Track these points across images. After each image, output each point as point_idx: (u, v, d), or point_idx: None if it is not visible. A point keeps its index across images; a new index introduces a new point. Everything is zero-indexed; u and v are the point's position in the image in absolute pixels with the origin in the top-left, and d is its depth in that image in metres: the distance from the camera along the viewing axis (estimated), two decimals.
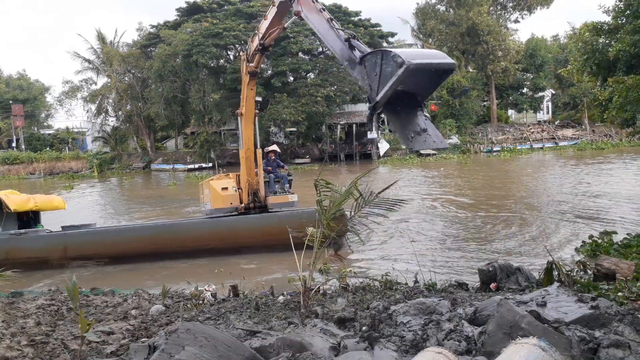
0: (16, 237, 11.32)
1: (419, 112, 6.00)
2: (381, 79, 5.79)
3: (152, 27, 48.52)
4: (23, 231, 11.54)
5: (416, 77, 5.47)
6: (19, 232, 11.46)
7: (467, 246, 11.37)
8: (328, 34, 7.69)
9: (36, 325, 5.39)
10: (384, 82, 5.70)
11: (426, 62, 5.54)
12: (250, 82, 11.77)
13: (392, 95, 5.62)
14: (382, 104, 5.88)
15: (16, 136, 54.99)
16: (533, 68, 45.22)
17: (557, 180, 21.67)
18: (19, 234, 11.41)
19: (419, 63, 5.32)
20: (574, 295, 4.20)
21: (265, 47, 10.98)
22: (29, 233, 11.55)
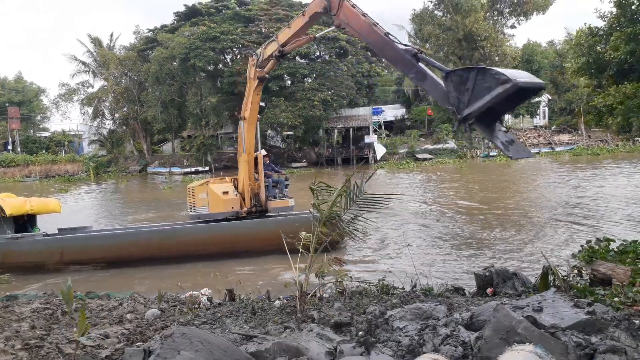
0: (13, 241, 11.26)
1: (497, 124, 6.78)
2: (474, 94, 6.47)
3: (150, 30, 48.54)
4: (20, 235, 11.48)
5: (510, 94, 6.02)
6: (15, 236, 11.40)
7: (463, 251, 11.38)
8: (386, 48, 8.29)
9: (31, 329, 5.35)
10: (479, 96, 6.38)
11: (529, 81, 6.24)
12: (257, 87, 11.82)
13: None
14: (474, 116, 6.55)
15: (12, 139, 54.81)
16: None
17: (553, 185, 21.74)
18: (16, 238, 11.34)
19: (524, 82, 6.01)
20: (570, 300, 4.20)
21: (284, 54, 11.11)
22: (25, 237, 11.47)
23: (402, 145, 42.11)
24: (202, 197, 12.61)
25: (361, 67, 42.74)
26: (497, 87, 6.08)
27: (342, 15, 9.20)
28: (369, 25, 8.68)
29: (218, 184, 12.83)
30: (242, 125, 12.19)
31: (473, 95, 6.51)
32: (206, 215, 12.52)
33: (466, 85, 6.62)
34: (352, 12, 9.07)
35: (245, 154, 12.27)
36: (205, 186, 12.72)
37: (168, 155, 49.16)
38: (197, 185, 12.77)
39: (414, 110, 48.49)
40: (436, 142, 41.89)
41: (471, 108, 6.52)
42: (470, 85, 6.56)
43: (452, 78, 6.92)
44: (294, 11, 42.36)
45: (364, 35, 8.91)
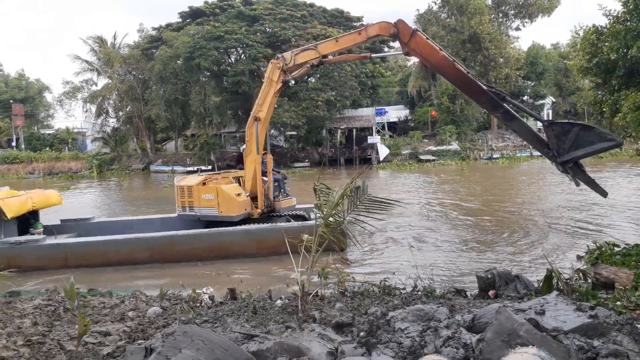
0: (17, 246, 11.08)
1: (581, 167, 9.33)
2: (575, 144, 8.67)
3: (154, 29, 48.62)
4: (24, 240, 11.27)
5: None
6: (19, 241, 11.20)
7: (465, 253, 11.36)
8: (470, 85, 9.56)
9: (33, 325, 5.36)
10: (579, 146, 8.66)
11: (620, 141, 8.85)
12: (278, 90, 11.89)
13: None
14: (574, 161, 8.85)
15: (16, 135, 55.00)
16: (534, 76, 45.39)
17: (555, 188, 21.68)
18: (20, 243, 11.15)
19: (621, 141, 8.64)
20: (573, 304, 4.19)
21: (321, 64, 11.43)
22: (29, 242, 11.23)
23: (405, 146, 42.08)
24: (208, 197, 12.26)
25: (365, 68, 42.72)
26: (602, 143, 8.39)
27: (413, 45, 9.78)
28: (447, 60, 9.40)
29: (227, 184, 12.54)
30: (256, 126, 11.95)
31: (574, 145, 8.61)
32: (214, 217, 12.15)
33: (568, 136, 8.63)
34: (426, 44, 9.69)
35: (259, 155, 12.19)
36: (214, 187, 12.28)
37: (171, 153, 49.26)
38: (196, 184, 12.43)
39: (418, 112, 48.45)
40: (439, 144, 41.85)
41: (572, 155, 8.71)
42: (572, 137, 8.61)
43: (554, 128, 8.95)
44: (298, 11, 42.38)
45: (440, 69, 9.75)
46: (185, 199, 12.47)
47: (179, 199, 12.56)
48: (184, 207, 12.52)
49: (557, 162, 9.24)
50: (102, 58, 47.19)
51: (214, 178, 13.13)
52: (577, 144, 8.59)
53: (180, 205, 12.58)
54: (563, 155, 8.90)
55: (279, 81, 11.62)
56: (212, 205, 12.30)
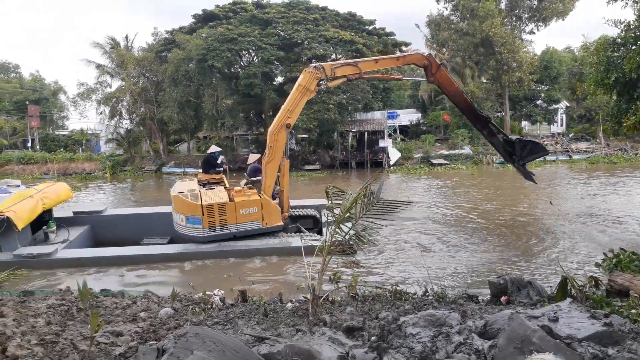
0: (29, 259, 11.00)
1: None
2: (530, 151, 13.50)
3: (167, 32, 49.07)
4: (36, 253, 11.15)
5: None
6: (32, 254, 11.10)
7: (477, 258, 11.28)
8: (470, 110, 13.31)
9: (46, 324, 5.42)
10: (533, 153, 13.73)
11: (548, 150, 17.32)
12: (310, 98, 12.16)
13: None
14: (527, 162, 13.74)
15: (31, 136, 55.73)
16: (548, 80, 45.00)
17: (568, 193, 21.46)
18: (33, 256, 11.06)
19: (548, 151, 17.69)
20: (587, 311, 4.14)
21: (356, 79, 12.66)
22: (42, 256, 11.11)
23: (417, 149, 41.94)
24: (250, 212, 11.81)
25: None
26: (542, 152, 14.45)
27: (438, 76, 12.52)
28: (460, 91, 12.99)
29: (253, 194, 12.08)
30: (287, 132, 11.97)
31: (529, 153, 13.41)
32: (258, 230, 11.85)
33: (526, 148, 13.39)
34: (447, 77, 12.89)
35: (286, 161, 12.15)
36: (256, 200, 11.84)
37: (184, 155, 49.57)
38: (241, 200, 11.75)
39: (430, 115, 48.27)
40: (452, 148, 41.64)
41: (528, 159, 13.60)
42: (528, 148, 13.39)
43: (520, 141, 13.46)
44: (311, 14, 42.49)
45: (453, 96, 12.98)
46: (215, 219, 11.55)
47: (205, 219, 11.50)
48: (213, 227, 11.56)
49: (519, 164, 13.62)
50: (115, 60, 47.71)
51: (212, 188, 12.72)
52: (530, 152, 13.39)
53: (207, 227, 11.52)
54: (523, 159, 13.45)
55: (315, 90, 11.91)
56: (255, 218, 11.90)
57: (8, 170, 48.85)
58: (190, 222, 11.57)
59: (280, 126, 11.91)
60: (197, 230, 11.59)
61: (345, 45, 40.94)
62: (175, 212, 12.04)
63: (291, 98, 12.06)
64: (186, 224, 11.62)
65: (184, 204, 11.62)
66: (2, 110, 59.28)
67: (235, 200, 11.82)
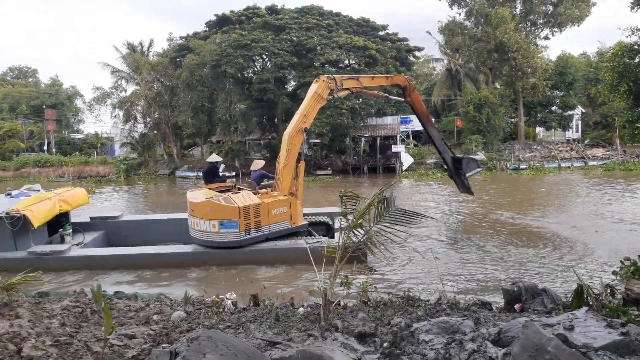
0: (44, 257, 11.21)
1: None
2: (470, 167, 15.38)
3: (182, 37, 49.56)
4: (49, 251, 11.37)
5: None
6: (45, 251, 11.31)
7: (490, 265, 11.18)
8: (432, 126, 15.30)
9: (61, 326, 5.47)
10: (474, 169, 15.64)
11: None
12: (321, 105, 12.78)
13: None
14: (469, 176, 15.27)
15: (47, 140, 56.53)
16: (563, 86, 44.55)
17: (583, 200, 21.20)
18: (46, 253, 11.26)
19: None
20: (603, 320, 4.08)
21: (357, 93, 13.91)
22: (54, 254, 11.32)
23: (430, 155, 41.74)
24: (280, 212, 11.84)
25: None
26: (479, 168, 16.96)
27: (413, 97, 14.55)
28: (426, 111, 15.17)
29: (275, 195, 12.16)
30: (305, 136, 12.39)
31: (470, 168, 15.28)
32: (287, 230, 11.94)
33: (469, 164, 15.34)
34: (418, 98, 14.91)
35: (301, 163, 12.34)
36: (285, 200, 11.88)
37: (197, 159, 49.91)
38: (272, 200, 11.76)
39: (443, 121, 48.03)
40: (465, 153, 41.36)
41: (470, 173, 15.31)
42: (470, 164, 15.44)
43: (464, 159, 15.36)
44: (324, 20, 42.62)
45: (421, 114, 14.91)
46: (250, 221, 11.41)
47: (241, 222, 11.25)
48: (249, 229, 11.39)
49: (464, 177, 15.10)
50: (131, 65, 48.28)
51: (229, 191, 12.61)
52: (472, 168, 15.39)
53: (243, 230, 11.30)
54: (467, 174, 15.09)
55: (326, 98, 12.60)
56: (284, 219, 11.90)
57: (25, 173, 49.59)
58: (225, 227, 11.24)
59: (298, 130, 12.06)
60: (233, 235, 11.29)
61: (358, 51, 40.98)
62: (200, 219, 11.51)
63: (306, 104, 12.28)
64: (219, 229, 11.24)
65: (217, 208, 11.24)
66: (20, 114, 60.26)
67: (266, 201, 11.75)
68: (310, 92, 12.46)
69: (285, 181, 12.15)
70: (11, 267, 10.37)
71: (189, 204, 11.94)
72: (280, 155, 12.19)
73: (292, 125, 12.24)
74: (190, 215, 11.87)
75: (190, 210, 11.89)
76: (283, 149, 12.07)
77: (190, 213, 11.91)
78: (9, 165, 51.05)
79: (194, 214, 11.68)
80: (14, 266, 10.37)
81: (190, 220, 11.94)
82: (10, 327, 5.15)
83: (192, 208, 11.75)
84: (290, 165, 12.08)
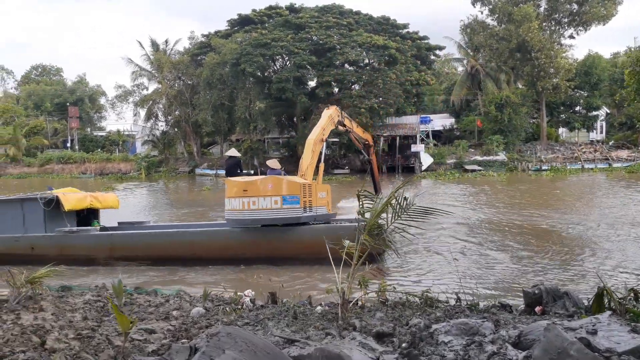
0: (70, 234, 11.96)
1: None
2: None
3: (204, 36, 49.99)
4: (75, 229, 12.12)
5: None
6: (72, 230, 12.05)
7: (510, 266, 11.04)
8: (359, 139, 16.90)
9: (83, 319, 5.57)
10: None
11: None
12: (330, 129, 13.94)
13: None
14: None
15: (71, 137, 57.60)
16: (587, 86, 43.67)
17: (606, 202, 20.79)
18: (72, 232, 12.00)
19: None
20: (627, 324, 3.99)
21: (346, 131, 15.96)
22: (80, 232, 12.08)
23: (450, 155, 41.37)
24: (322, 196, 12.25)
25: (410, 75, 42.32)
26: None
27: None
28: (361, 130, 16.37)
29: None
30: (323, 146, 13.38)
31: None
32: (326, 216, 12.28)
33: None
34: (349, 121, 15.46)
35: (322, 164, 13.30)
36: (325, 185, 12.57)
37: (217, 157, 50.33)
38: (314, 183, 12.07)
39: (464, 120, 47.50)
40: (486, 154, 40.90)
41: None
42: None
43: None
44: (344, 18, 42.55)
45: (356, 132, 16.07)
46: (307, 199, 11.53)
47: (301, 198, 11.36)
48: (305, 207, 11.46)
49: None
50: (154, 62, 48.87)
51: None
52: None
53: (302, 206, 11.41)
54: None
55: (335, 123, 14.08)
56: (324, 203, 12.23)
57: (49, 169, 50.63)
58: (288, 203, 11.17)
59: (319, 139, 12.93)
60: (295, 211, 11.26)
61: (378, 50, 40.80)
62: (258, 197, 11.23)
63: (324, 120, 13.59)
64: (282, 205, 11.14)
65: (280, 183, 11.31)
66: (44, 112, 61.51)
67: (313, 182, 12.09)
68: (325, 114, 13.90)
69: (309, 178, 12.53)
70: (40, 245, 11.71)
71: (237, 185, 11.56)
72: (303, 156, 12.59)
73: (315, 133, 12.91)
74: (239, 197, 11.42)
75: (241, 192, 11.41)
76: (307, 151, 12.46)
77: (238, 195, 11.45)
78: (34, 162, 52.15)
79: (247, 193, 11.32)
80: (43, 244, 11.63)
81: (237, 202, 11.46)
82: (35, 320, 5.26)
83: (245, 188, 11.37)
84: (313, 166, 12.56)
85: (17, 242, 11.95)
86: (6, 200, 12.82)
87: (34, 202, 12.09)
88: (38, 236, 12.01)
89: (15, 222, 12.19)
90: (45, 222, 12.11)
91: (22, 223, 12.19)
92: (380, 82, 39.88)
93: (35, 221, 12.09)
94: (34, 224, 12.11)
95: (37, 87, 67.87)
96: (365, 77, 41.49)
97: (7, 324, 5.09)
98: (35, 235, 12.02)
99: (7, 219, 12.26)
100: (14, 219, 12.21)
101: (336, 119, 14.13)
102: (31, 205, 12.14)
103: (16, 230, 12.15)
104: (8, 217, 12.28)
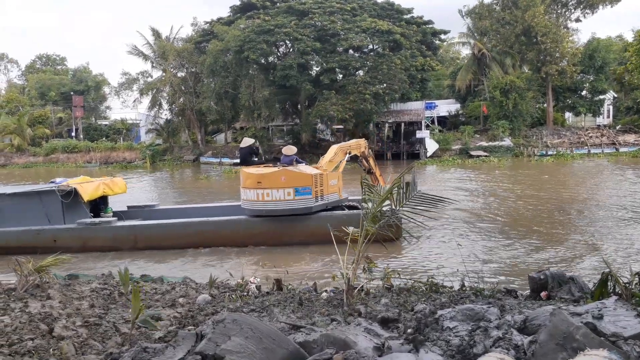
0: (92, 226, 12.11)
1: None
2: None
3: (206, 22, 49.66)
4: (97, 221, 12.28)
5: None
6: (94, 222, 12.19)
7: (515, 252, 11.03)
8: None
9: (90, 307, 5.62)
10: None
11: None
12: None
13: None
14: None
15: (75, 126, 57.66)
16: (592, 70, 43.16)
17: (612, 188, 20.68)
18: (94, 224, 12.14)
19: None
20: (634, 309, 3.98)
21: None
22: (102, 224, 12.22)
23: (455, 141, 41.15)
24: (333, 183, 12.54)
25: (415, 61, 41.93)
26: None
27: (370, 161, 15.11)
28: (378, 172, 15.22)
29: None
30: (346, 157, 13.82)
31: None
32: (337, 202, 12.59)
33: None
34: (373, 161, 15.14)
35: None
36: (336, 173, 12.76)
37: (221, 145, 50.30)
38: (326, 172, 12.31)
39: (469, 106, 47.13)
40: (491, 139, 40.64)
41: None
42: None
43: None
44: (348, 3, 42.12)
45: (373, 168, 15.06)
46: (318, 189, 11.90)
47: (313, 189, 11.78)
48: (317, 197, 11.87)
49: None
50: (157, 51, 48.64)
51: None
52: None
53: (314, 196, 11.79)
54: None
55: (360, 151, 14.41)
56: (335, 190, 12.63)
57: (54, 159, 50.77)
58: (300, 194, 11.61)
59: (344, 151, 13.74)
60: (307, 201, 11.69)
61: (382, 36, 40.42)
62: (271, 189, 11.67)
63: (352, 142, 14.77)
64: (294, 196, 11.59)
65: (292, 175, 11.70)
66: (49, 101, 61.55)
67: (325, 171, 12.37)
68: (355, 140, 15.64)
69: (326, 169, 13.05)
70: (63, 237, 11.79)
71: (252, 177, 11.96)
72: (326, 155, 13.34)
73: (342, 144, 14.33)
74: (254, 188, 11.88)
75: (255, 183, 11.86)
76: (330, 152, 13.34)
77: (253, 186, 11.90)
78: (40, 151, 52.28)
79: (262, 185, 11.75)
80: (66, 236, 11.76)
81: (252, 193, 11.93)
82: (42, 308, 5.31)
83: (259, 180, 11.80)
84: (333, 162, 13.04)
85: (39, 235, 11.95)
86: (24, 193, 12.79)
87: (51, 194, 12.13)
88: (60, 228, 12.04)
89: (34, 215, 12.16)
90: (64, 214, 12.19)
91: (41, 215, 12.18)
92: (385, 68, 39.53)
93: (54, 213, 12.15)
94: (53, 216, 12.15)
95: (44, 76, 67.88)
96: (370, 63, 41.16)
97: (16, 311, 5.14)
98: (57, 227, 12.05)
99: (26, 212, 12.25)
100: (33, 211, 12.19)
101: (363, 150, 14.34)
102: (49, 197, 12.17)
103: (35, 223, 12.12)
104: (27, 209, 12.28)
